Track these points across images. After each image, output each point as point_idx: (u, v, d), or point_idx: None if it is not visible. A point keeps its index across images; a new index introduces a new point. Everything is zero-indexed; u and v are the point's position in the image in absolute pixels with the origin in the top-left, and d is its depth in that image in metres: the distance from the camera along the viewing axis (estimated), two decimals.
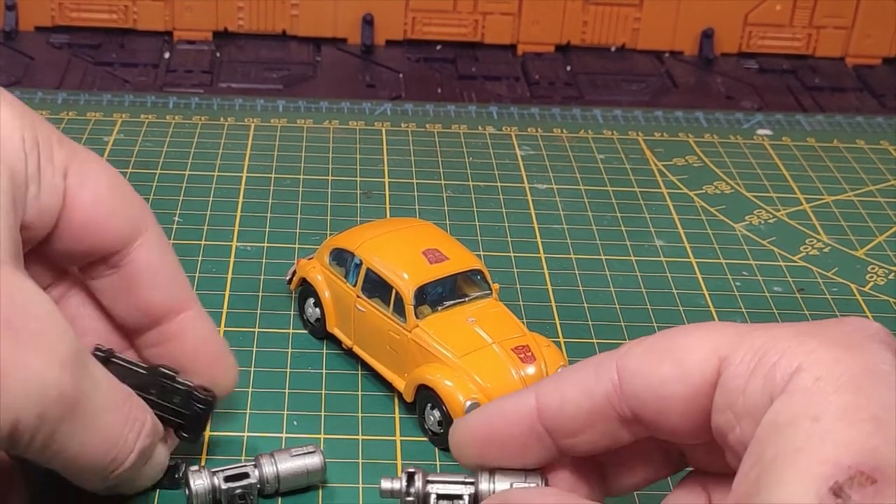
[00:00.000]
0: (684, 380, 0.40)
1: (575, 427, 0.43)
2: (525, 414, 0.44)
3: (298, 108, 0.92)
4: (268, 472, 0.51)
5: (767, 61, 1.07)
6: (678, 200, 0.82)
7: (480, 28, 1.04)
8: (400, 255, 0.61)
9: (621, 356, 0.42)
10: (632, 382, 0.42)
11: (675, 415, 0.41)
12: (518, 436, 0.44)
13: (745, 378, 0.38)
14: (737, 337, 0.40)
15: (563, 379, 0.44)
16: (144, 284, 0.50)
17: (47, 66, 0.97)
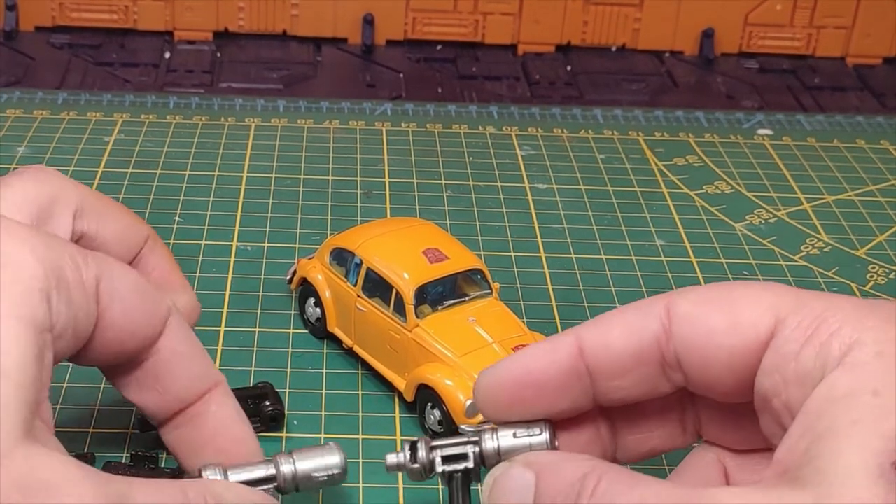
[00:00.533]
0: (736, 333, 0.40)
1: (619, 368, 0.42)
2: (566, 353, 0.43)
3: (299, 107, 0.92)
4: (286, 470, 0.47)
5: (768, 61, 1.07)
6: (678, 200, 0.82)
7: (481, 28, 1.04)
8: (400, 255, 0.61)
9: (673, 300, 0.42)
10: (681, 327, 0.41)
11: (720, 368, 0.40)
12: (557, 377, 0.43)
13: (799, 343, 0.38)
14: (795, 300, 0.39)
15: (607, 320, 0.43)
16: (170, 374, 0.47)
17: (48, 66, 0.98)
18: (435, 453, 0.45)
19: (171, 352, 0.47)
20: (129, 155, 0.83)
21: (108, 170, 0.81)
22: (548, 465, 0.41)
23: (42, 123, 0.86)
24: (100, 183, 0.79)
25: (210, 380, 0.48)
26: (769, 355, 0.39)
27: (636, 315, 0.42)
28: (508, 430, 0.44)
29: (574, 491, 0.39)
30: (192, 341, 0.48)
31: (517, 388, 0.43)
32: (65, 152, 0.82)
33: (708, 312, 0.41)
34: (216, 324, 0.65)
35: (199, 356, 0.48)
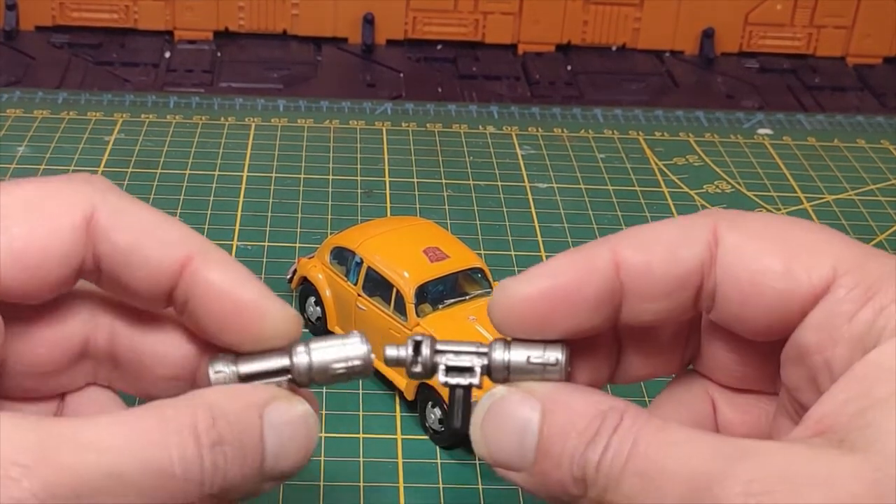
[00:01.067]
0: (789, 278, 0.37)
1: (658, 292, 0.39)
2: (603, 270, 0.38)
3: (299, 107, 0.92)
4: (300, 361, 0.40)
5: (768, 61, 1.07)
6: (679, 200, 0.82)
7: (481, 28, 1.04)
8: (401, 254, 0.61)
9: (722, 225, 0.38)
10: (730, 258, 0.38)
11: (761, 308, 0.38)
12: (591, 296, 0.38)
13: (856, 305, 0.36)
14: (859, 257, 0.37)
15: (648, 237, 0.39)
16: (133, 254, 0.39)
17: (48, 65, 0.98)
18: (439, 358, 0.40)
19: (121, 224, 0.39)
20: (129, 155, 0.83)
21: (108, 169, 0.81)
22: (557, 398, 0.37)
23: (42, 123, 0.86)
24: None
25: (181, 247, 0.39)
26: (820, 310, 0.37)
27: (681, 236, 0.39)
28: (522, 349, 0.39)
29: (591, 430, 0.36)
30: (139, 208, 0.40)
31: (545, 303, 0.38)
32: (65, 152, 0.82)
33: (761, 250, 0.38)
34: None
35: (157, 222, 0.40)
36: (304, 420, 0.38)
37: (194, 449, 0.35)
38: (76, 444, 0.33)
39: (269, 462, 0.37)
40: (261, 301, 0.39)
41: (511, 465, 0.38)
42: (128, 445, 0.34)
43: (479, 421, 0.38)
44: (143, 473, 0.34)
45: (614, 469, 0.35)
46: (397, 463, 0.56)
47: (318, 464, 0.56)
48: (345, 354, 0.40)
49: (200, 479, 0.35)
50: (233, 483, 0.36)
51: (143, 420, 0.35)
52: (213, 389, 0.38)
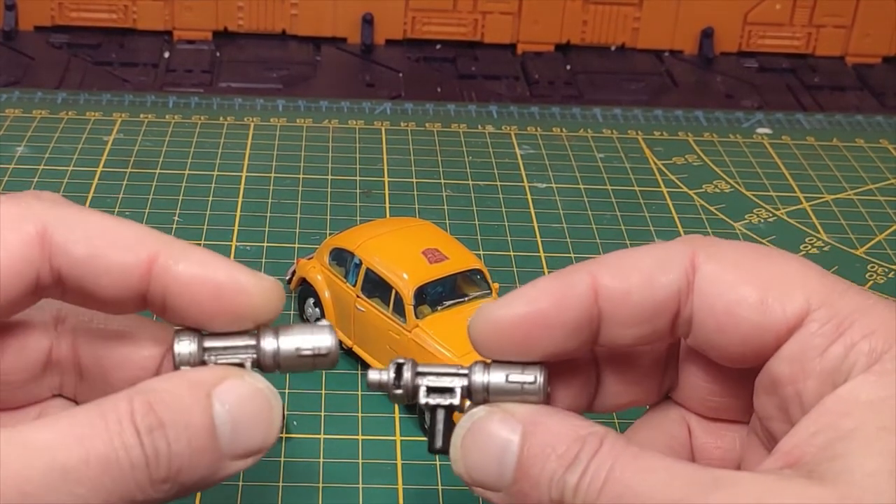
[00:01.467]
0: (763, 310, 0.38)
1: (635, 318, 0.39)
2: (581, 295, 0.39)
3: (298, 107, 0.92)
4: (267, 345, 0.40)
5: (767, 60, 1.07)
6: (678, 199, 0.82)
7: (480, 27, 1.04)
8: (400, 255, 0.61)
9: (700, 255, 0.39)
10: (706, 287, 0.39)
11: (736, 337, 0.39)
12: (569, 320, 0.39)
13: (828, 339, 0.37)
14: (832, 292, 0.38)
15: (626, 263, 0.40)
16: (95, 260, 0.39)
17: (47, 65, 0.97)
18: (420, 380, 0.41)
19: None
20: (128, 155, 0.83)
21: (107, 169, 0.81)
22: (537, 420, 0.38)
23: (41, 123, 0.86)
24: (99, 183, 0.79)
25: (142, 248, 0.39)
26: (793, 343, 0.38)
27: (659, 263, 0.40)
28: (501, 370, 0.40)
29: (570, 453, 0.36)
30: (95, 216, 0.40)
31: (524, 327, 0.39)
32: (64, 152, 0.82)
33: (737, 280, 0.39)
34: None
35: (119, 230, 0.39)
36: (261, 394, 0.38)
37: (133, 436, 0.35)
38: (15, 445, 0.34)
39: (226, 441, 0.37)
40: (236, 278, 0.39)
41: (489, 485, 0.38)
42: (67, 440, 0.34)
43: (459, 440, 0.39)
44: (87, 465, 0.34)
45: (591, 493, 0.36)
46: (396, 464, 0.56)
47: (317, 465, 0.56)
48: (312, 340, 0.40)
49: (145, 464, 0.35)
50: (182, 466, 0.36)
51: (82, 415, 0.35)
52: (155, 378, 0.38)
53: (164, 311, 0.40)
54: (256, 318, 0.39)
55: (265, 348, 0.39)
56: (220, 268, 0.39)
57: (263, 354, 0.39)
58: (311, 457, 0.56)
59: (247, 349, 0.39)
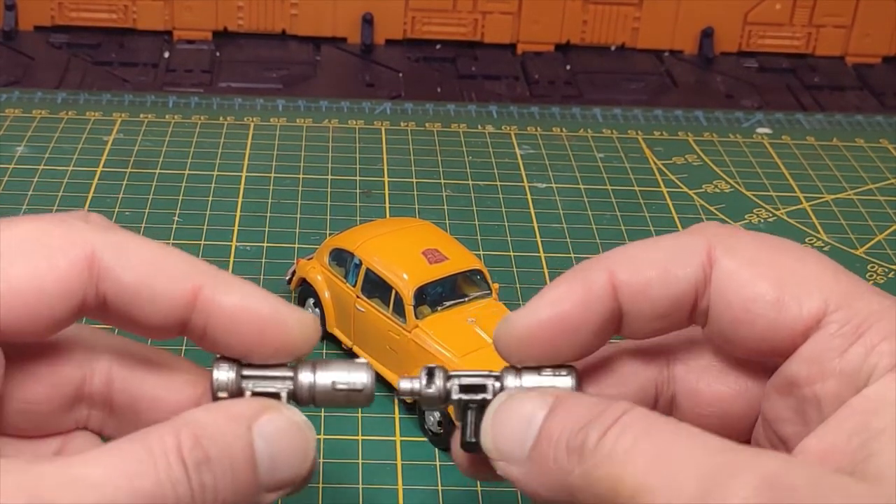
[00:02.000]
0: (780, 310, 0.38)
1: (654, 314, 0.40)
2: (602, 295, 0.40)
3: (298, 107, 0.92)
4: (304, 378, 0.41)
5: (767, 60, 1.07)
6: (678, 199, 0.82)
7: (480, 27, 1.04)
8: (399, 256, 0.61)
9: (718, 249, 0.40)
10: (724, 283, 0.39)
11: (751, 333, 0.39)
12: (593, 321, 0.40)
13: (848, 341, 0.37)
14: (850, 293, 0.38)
15: (642, 258, 0.40)
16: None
17: (47, 65, 0.97)
18: (452, 382, 0.41)
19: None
20: (128, 154, 0.83)
21: (107, 169, 0.81)
22: (567, 396, 0.39)
23: (41, 123, 0.86)
24: (98, 183, 0.79)
25: (189, 279, 0.40)
26: (811, 344, 0.38)
27: (676, 255, 0.40)
28: (533, 375, 0.41)
29: (592, 414, 0.36)
30: (143, 244, 0.40)
31: (549, 333, 0.40)
32: (64, 152, 0.82)
33: (755, 277, 0.39)
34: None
35: (169, 259, 0.40)
36: (297, 428, 0.38)
37: (181, 471, 0.35)
38: (68, 482, 0.34)
39: (264, 474, 0.37)
40: (279, 312, 0.40)
41: (513, 457, 0.38)
42: (117, 476, 0.34)
43: (492, 413, 0.40)
44: (135, 502, 0.34)
45: (620, 445, 0.35)
46: (396, 465, 0.56)
47: (317, 465, 0.56)
48: (348, 376, 0.41)
49: (191, 498, 0.35)
50: (226, 499, 0.36)
51: (128, 449, 0.35)
52: (194, 410, 0.38)
53: (203, 339, 0.40)
54: (294, 351, 0.40)
55: (302, 381, 0.40)
56: (264, 302, 0.40)
57: (300, 387, 0.40)
58: None
59: (284, 380, 0.40)
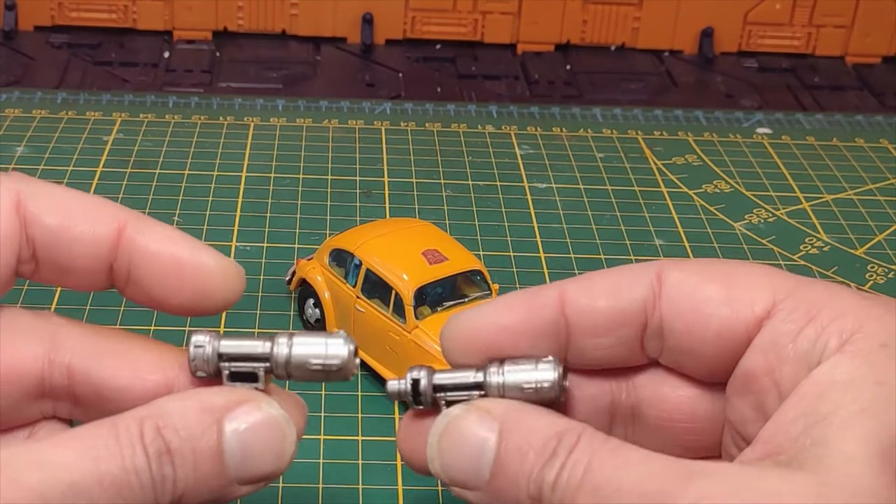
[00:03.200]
0: (731, 304, 0.39)
1: (600, 328, 0.40)
2: (546, 307, 0.40)
3: (298, 107, 0.92)
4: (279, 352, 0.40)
5: (767, 60, 1.07)
6: (678, 199, 0.82)
7: (480, 27, 1.04)
8: (399, 256, 0.61)
9: (666, 266, 0.41)
10: (673, 292, 0.40)
11: (706, 338, 0.39)
12: (533, 330, 0.40)
13: (799, 324, 0.37)
14: (797, 285, 0.39)
15: (594, 277, 0.41)
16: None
17: (47, 65, 0.97)
18: (439, 395, 0.41)
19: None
20: (128, 154, 0.83)
21: (107, 169, 0.81)
22: (514, 417, 0.38)
23: (41, 123, 0.86)
24: (98, 183, 0.79)
25: (112, 218, 0.40)
26: (765, 332, 0.38)
27: (626, 276, 0.41)
28: (516, 372, 0.40)
29: (548, 449, 0.36)
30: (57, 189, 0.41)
31: (492, 333, 0.41)
32: (64, 152, 0.82)
33: (703, 282, 0.40)
34: (215, 325, 0.65)
35: (91, 201, 0.41)
36: (272, 421, 0.38)
37: (143, 459, 0.35)
38: (36, 463, 0.34)
39: (234, 467, 0.37)
40: (198, 255, 0.40)
41: (467, 484, 0.38)
42: (83, 460, 0.34)
43: (436, 440, 0.39)
44: (101, 485, 0.34)
45: (570, 487, 0.36)
46: (396, 465, 0.56)
47: (316, 466, 0.56)
48: (325, 352, 0.39)
49: (152, 487, 0.35)
50: (186, 490, 0.36)
51: (96, 434, 0.35)
52: (170, 397, 0.38)
53: (128, 284, 0.40)
54: (215, 296, 0.40)
55: (278, 358, 0.39)
56: (184, 244, 0.41)
57: (276, 364, 0.39)
58: (310, 457, 0.56)
59: (260, 356, 0.39)
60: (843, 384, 0.35)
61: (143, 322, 0.64)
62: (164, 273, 0.40)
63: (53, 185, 0.40)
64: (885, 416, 0.34)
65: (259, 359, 0.39)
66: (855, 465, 0.33)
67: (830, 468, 0.33)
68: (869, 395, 0.35)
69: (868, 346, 0.36)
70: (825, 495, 0.33)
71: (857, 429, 0.34)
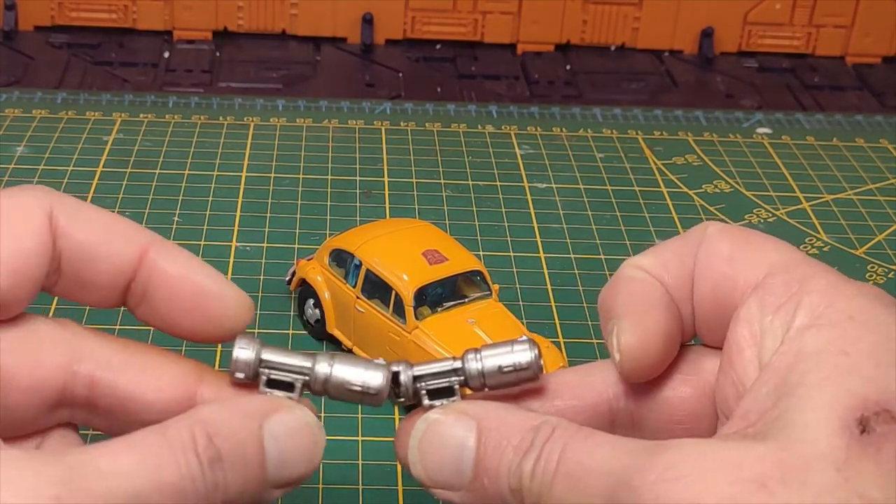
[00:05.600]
0: (733, 263, 0.40)
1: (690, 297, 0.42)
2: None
3: (298, 107, 0.92)
4: (320, 372, 0.41)
5: (767, 60, 1.07)
6: (678, 199, 0.82)
7: (480, 27, 1.04)
8: (399, 257, 0.61)
9: (709, 225, 0.42)
10: (701, 251, 0.41)
11: (705, 293, 0.41)
12: None
13: (780, 300, 0.38)
14: (791, 261, 0.40)
15: (660, 250, 0.42)
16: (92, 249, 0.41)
17: (47, 65, 0.97)
18: (419, 385, 0.41)
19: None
20: (127, 154, 0.83)
21: (107, 169, 0.81)
22: (491, 415, 0.39)
23: (41, 123, 0.86)
24: (98, 183, 0.79)
25: (139, 240, 0.41)
26: (751, 303, 0.39)
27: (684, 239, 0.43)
28: (493, 357, 0.41)
29: (525, 442, 0.37)
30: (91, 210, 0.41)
31: None
32: (63, 152, 0.82)
33: (722, 240, 0.41)
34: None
35: (120, 221, 0.41)
36: (307, 428, 0.39)
37: (198, 467, 0.36)
38: (99, 472, 0.34)
39: (272, 472, 0.38)
40: (219, 285, 0.41)
41: (449, 486, 0.39)
42: (144, 468, 0.35)
43: (416, 444, 0.40)
44: (160, 493, 0.35)
45: (546, 475, 0.37)
46: (396, 466, 0.56)
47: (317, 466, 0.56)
48: (363, 379, 0.41)
49: (206, 494, 0.36)
50: (235, 495, 0.37)
51: (152, 442, 0.36)
52: (210, 405, 0.38)
53: (141, 304, 0.41)
54: (226, 324, 0.41)
55: (318, 374, 0.40)
56: (203, 271, 0.41)
57: (315, 380, 0.40)
58: None
59: (301, 370, 0.40)
60: (809, 355, 0.36)
61: None
62: (181, 298, 0.41)
63: (84, 203, 0.41)
64: (846, 384, 0.35)
65: (299, 371, 0.40)
66: (813, 430, 0.34)
67: (791, 436, 0.34)
68: (833, 364, 0.35)
69: (837, 318, 0.37)
70: (783, 461, 0.33)
71: (818, 397, 0.35)
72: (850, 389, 0.35)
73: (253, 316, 0.42)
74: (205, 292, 0.41)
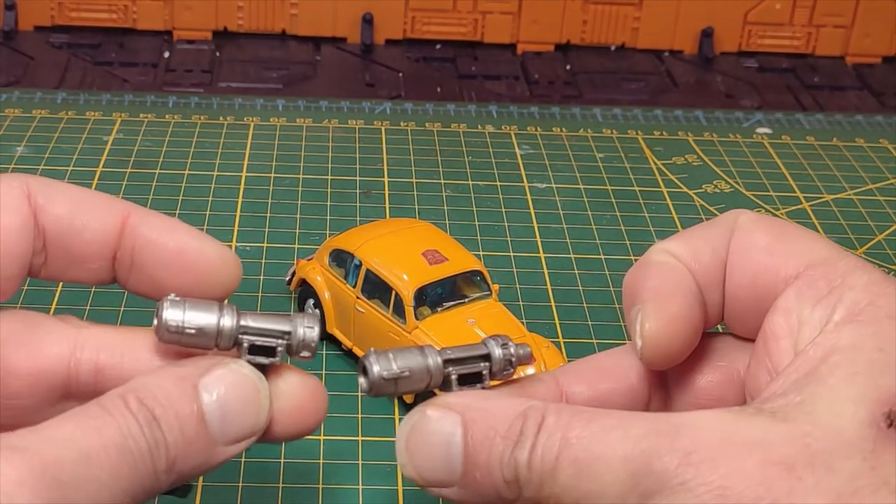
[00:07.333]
0: (772, 254, 0.40)
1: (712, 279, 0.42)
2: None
3: (298, 107, 0.92)
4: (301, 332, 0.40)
5: (767, 60, 1.07)
6: (678, 199, 0.82)
7: (480, 27, 1.04)
8: (399, 257, 0.61)
9: (741, 214, 0.42)
10: (735, 240, 0.42)
11: (743, 283, 0.41)
12: None
13: (821, 293, 0.39)
14: (830, 255, 0.40)
15: (690, 236, 0.43)
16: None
17: (47, 65, 0.97)
18: (449, 370, 0.40)
19: None
20: (127, 154, 0.83)
21: (107, 169, 0.81)
22: (475, 406, 0.38)
23: (41, 123, 0.86)
24: (99, 183, 0.79)
25: (117, 208, 0.42)
26: (789, 294, 0.39)
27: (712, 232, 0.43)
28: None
29: (514, 431, 0.36)
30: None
31: None
32: (64, 152, 0.82)
33: (756, 230, 0.41)
34: None
35: (95, 193, 0.43)
36: (247, 380, 0.39)
37: (136, 426, 0.36)
38: (45, 439, 0.35)
39: (217, 428, 0.38)
40: (200, 241, 0.42)
41: (441, 482, 0.38)
42: (87, 431, 0.36)
43: (403, 444, 0.39)
44: (107, 451, 0.35)
45: (547, 463, 0.36)
46: (396, 466, 0.56)
47: (316, 466, 0.56)
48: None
49: (149, 452, 0.36)
50: (178, 454, 0.37)
51: (89, 413, 0.37)
52: (143, 374, 0.39)
53: (131, 273, 0.42)
54: (215, 282, 0.42)
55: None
56: (186, 231, 0.42)
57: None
58: (310, 458, 0.56)
59: (281, 334, 0.40)
60: (844, 349, 0.36)
61: None
62: (166, 259, 0.42)
63: (58, 181, 0.42)
64: (879, 380, 0.35)
65: (279, 335, 0.40)
66: (841, 419, 0.34)
67: (818, 421, 0.34)
68: (867, 360, 0.36)
69: (875, 315, 0.37)
70: (810, 445, 0.34)
71: (849, 389, 0.35)
72: (882, 385, 0.35)
73: (241, 272, 0.42)
74: (187, 250, 0.42)
